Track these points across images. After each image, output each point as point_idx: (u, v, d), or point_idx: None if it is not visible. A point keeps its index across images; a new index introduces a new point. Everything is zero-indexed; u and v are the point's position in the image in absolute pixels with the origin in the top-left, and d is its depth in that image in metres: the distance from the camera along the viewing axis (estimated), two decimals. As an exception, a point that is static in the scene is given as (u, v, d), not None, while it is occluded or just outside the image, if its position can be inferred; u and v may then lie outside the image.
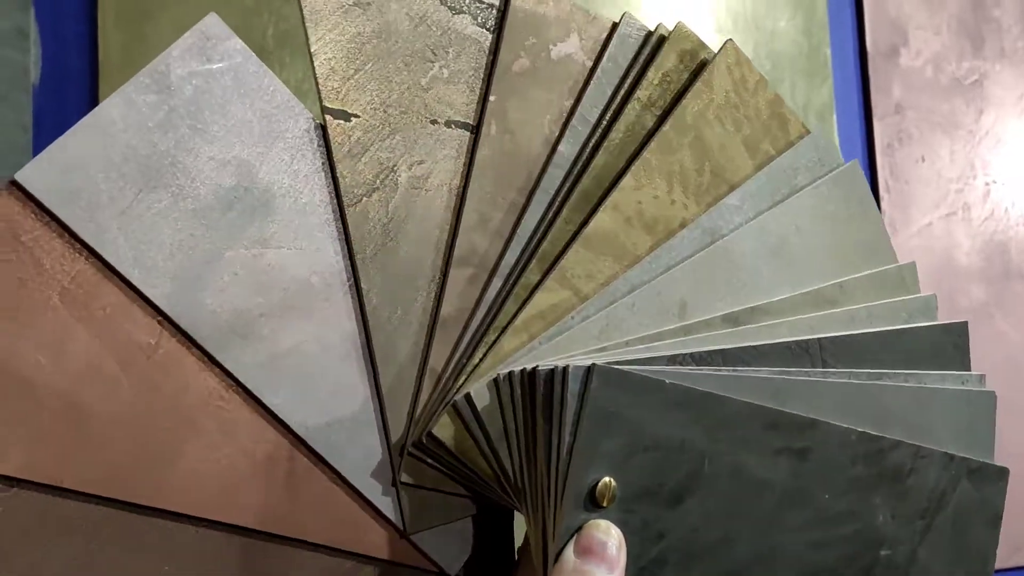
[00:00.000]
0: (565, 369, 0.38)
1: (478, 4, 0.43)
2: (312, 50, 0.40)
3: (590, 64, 0.45)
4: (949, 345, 0.47)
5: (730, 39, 0.46)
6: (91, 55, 0.64)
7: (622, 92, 0.45)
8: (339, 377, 0.40)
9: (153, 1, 0.64)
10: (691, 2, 0.84)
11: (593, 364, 0.38)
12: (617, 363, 0.39)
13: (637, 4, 0.83)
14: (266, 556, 0.40)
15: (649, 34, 0.46)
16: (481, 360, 0.41)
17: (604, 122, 0.44)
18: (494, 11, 0.44)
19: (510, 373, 0.39)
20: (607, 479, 0.38)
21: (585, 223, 0.43)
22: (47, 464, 0.36)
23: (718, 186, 0.45)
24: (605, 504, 0.38)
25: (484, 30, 0.43)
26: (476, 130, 0.43)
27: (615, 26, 0.45)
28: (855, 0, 0.92)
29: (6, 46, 0.60)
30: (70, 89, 0.64)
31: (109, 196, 0.37)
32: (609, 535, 0.37)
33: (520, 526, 0.45)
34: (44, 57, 0.62)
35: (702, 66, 0.45)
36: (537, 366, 0.39)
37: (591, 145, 0.44)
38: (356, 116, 0.41)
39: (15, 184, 0.36)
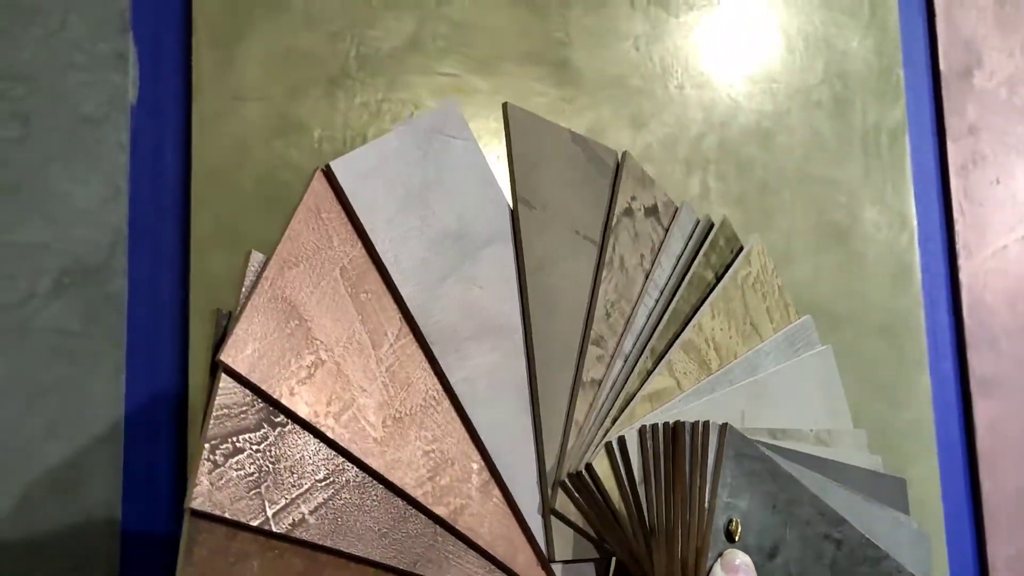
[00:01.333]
0: (707, 423, 0.47)
1: (602, 161, 0.56)
2: (512, 151, 0.50)
3: (665, 225, 0.58)
4: (899, 492, 0.61)
5: (759, 241, 0.61)
6: (185, 76, 0.65)
7: (687, 251, 0.58)
8: (512, 409, 0.46)
9: (245, 26, 0.67)
10: (763, 23, 0.84)
11: (727, 423, 0.47)
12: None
13: (715, 29, 0.82)
14: (448, 550, 0.42)
15: (697, 220, 0.60)
16: (617, 417, 0.49)
17: (679, 268, 0.56)
18: (610, 169, 0.56)
19: (655, 425, 0.47)
20: (736, 518, 0.46)
21: (679, 333, 0.53)
22: (319, 412, 0.39)
23: (753, 335, 0.58)
24: (736, 539, 0.46)
25: (604, 179, 0.56)
26: (601, 248, 0.53)
27: (677, 209, 0.59)
28: (928, 20, 0.90)
29: (108, 69, 0.60)
30: (165, 109, 0.64)
31: (383, 204, 0.43)
32: (746, 560, 0.45)
33: None
34: (141, 79, 0.63)
35: (740, 249, 0.60)
36: (680, 420, 0.47)
37: (671, 281, 0.56)
38: (535, 209, 0.50)
39: (327, 171, 0.42)
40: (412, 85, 0.70)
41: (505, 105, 0.51)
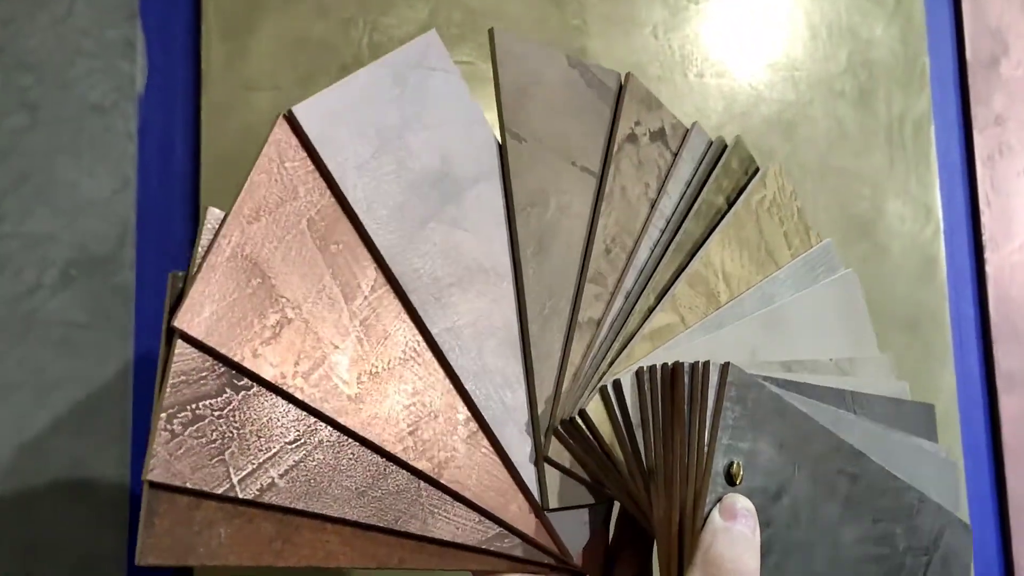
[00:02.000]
0: (707, 364, 0.45)
1: (602, 84, 0.53)
2: (499, 80, 0.47)
3: (673, 149, 0.55)
4: (926, 420, 0.58)
5: (778, 164, 0.58)
6: (195, 65, 0.64)
7: (697, 176, 0.55)
8: (501, 355, 0.44)
9: (256, 14, 0.66)
10: (785, 10, 0.83)
11: (728, 362, 0.45)
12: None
13: (736, 16, 0.81)
14: (432, 504, 0.41)
15: (710, 142, 0.56)
16: (615, 359, 0.47)
17: (688, 195, 0.54)
18: (612, 93, 0.53)
19: (652, 367, 0.45)
20: (738, 461, 0.44)
21: (685, 266, 0.51)
22: (287, 372, 0.38)
23: (768, 263, 0.55)
24: (738, 482, 0.44)
25: (605, 104, 0.53)
26: (601, 179, 0.51)
27: (687, 131, 0.56)
28: (954, 8, 0.89)
29: (116, 56, 0.60)
30: (174, 98, 0.64)
31: (354, 149, 0.41)
32: (747, 504, 0.43)
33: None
34: (150, 67, 0.63)
35: (756, 171, 0.56)
36: (679, 361, 0.45)
37: (679, 209, 0.53)
38: (525, 141, 0.48)
39: (289, 116, 0.39)
40: (427, 72, 0.68)
41: (491, 31, 0.48)
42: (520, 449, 0.44)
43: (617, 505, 0.49)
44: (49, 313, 0.58)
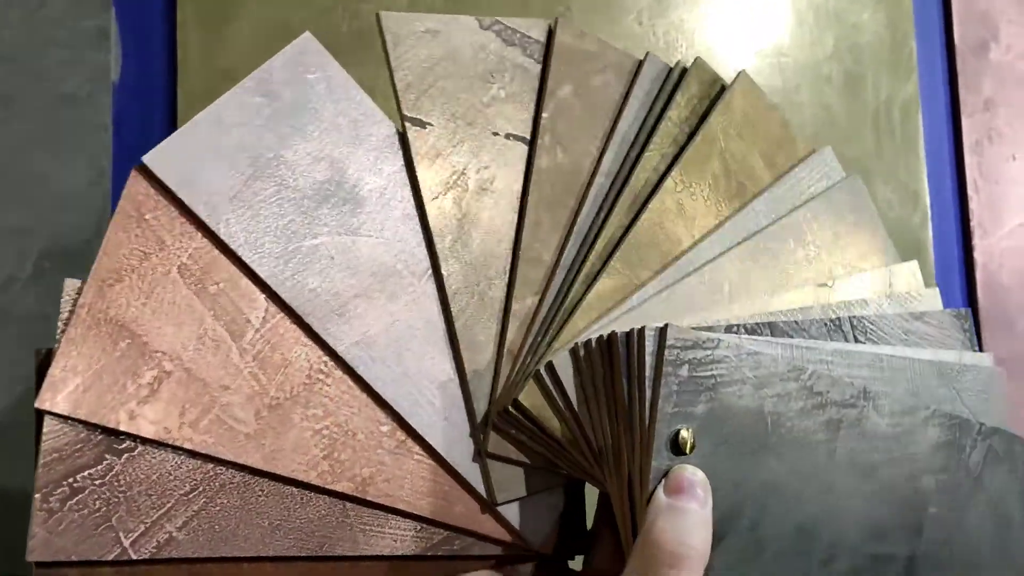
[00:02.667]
0: (641, 331, 0.41)
1: (526, 39, 0.49)
2: (392, 67, 0.45)
3: (623, 92, 0.50)
4: (958, 330, 0.52)
5: (743, 71, 0.52)
6: (170, 55, 0.65)
7: (654, 113, 0.50)
8: (425, 356, 0.43)
9: (233, 1, 0.67)
10: None
11: (667, 324, 0.42)
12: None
13: (721, 1, 0.80)
14: (363, 523, 0.41)
15: (670, 69, 0.52)
16: (556, 337, 0.44)
17: (641, 138, 0.50)
18: (540, 46, 0.49)
19: (587, 341, 0.43)
20: (686, 428, 0.41)
21: (636, 217, 0.47)
22: (171, 426, 0.38)
23: (743, 192, 0.50)
24: (687, 451, 0.41)
25: (533, 60, 0.49)
26: (532, 143, 0.48)
27: (641, 63, 0.51)
28: None
29: (88, 47, 0.61)
30: (149, 89, 0.65)
31: (223, 182, 0.41)
32: (696, 475, 0.40)
33: (590, 502, 0.47)
34: (124, 56, 0.63)
35: (721, 91, 0.51)
36: (614, 332, 0.42)
37: (632, 157, 0.49)
38: (430, 125, 0.46)
39: (142, 168, 0.39)
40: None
41: (378, 16, 0.46)
42: (461, 448, 0.43)
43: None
44: (24, 307, 0.59)
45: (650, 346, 0.41)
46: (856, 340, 0.49)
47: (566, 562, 0.47)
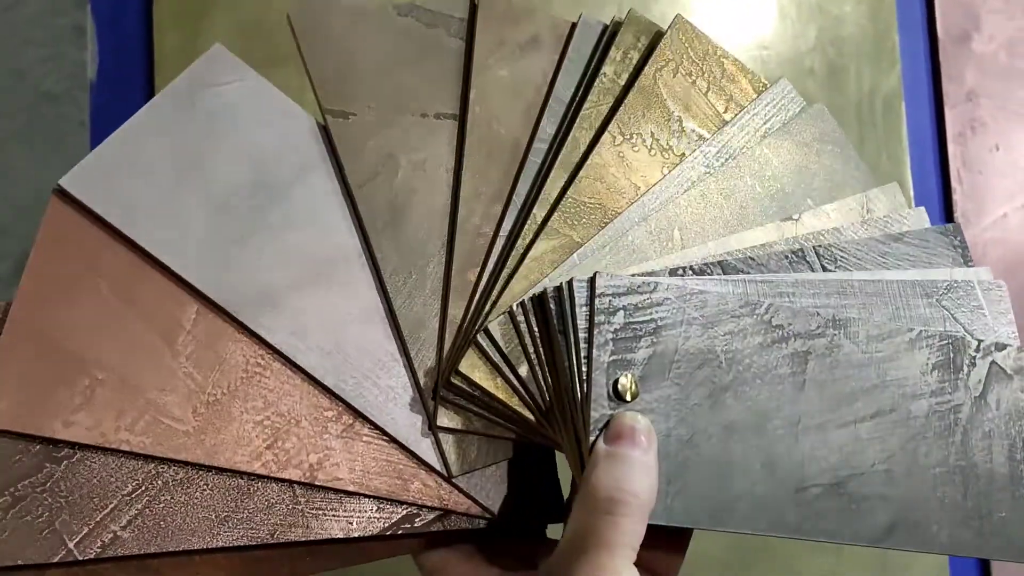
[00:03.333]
0: (570, 283, 0.41)
1: (448, 17, 0.49)
2: (307, 66, 0.46)
3: (557, 56, 0.50)
4: (947, 247, 0.49)
5: (679, 14, 0.51)
6: (147, 52, 0.65)
7: (589, 72, 0.50)
8: (366, 338, 0.43)
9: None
10: None
11: (596, 273, 0.41)
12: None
13: None
14: (314, 508, 0.41)
15: (606, 27, 0.51)
16: (495, 304, 0.44)
17: (577, 98, 0.49)
18: (464, 23, 0.50)
19: (522, 302, 0.42)
20: (627, 375, 0.40)
21: (573, 177, 0.46)
22: (107, 430, 0.39)
23: (692, 135, 0.49)
24: (629, 398, 0.39)
25: (458, 39, 0.49)
26: (462, 118, 0.48)
27: (574, 25, 0.51)
28: None
29: (65, 43, 0.61)
30: (127, 86, 0.65)
31: (143, 194, 0.42)
32: (636, 421, 0.39)
33: (565, 473, 0.46)
34: (101, 53, 0.64)
35: (658, 39, 0.50)
36: (545, 289, 0.42)
37: (568, 117, 0.48)
38: (353, 115, 0.46)
39: (61, 190, 0.41)
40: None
41: (288, 16, 0.47)
42: (413, 425, 0.43)
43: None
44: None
45: (580, 298, 0.41)
46: (824, 269, 0.46)
47: (543, 531, 0.46)
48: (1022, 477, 0.45)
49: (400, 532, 0.42)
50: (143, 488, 0.40)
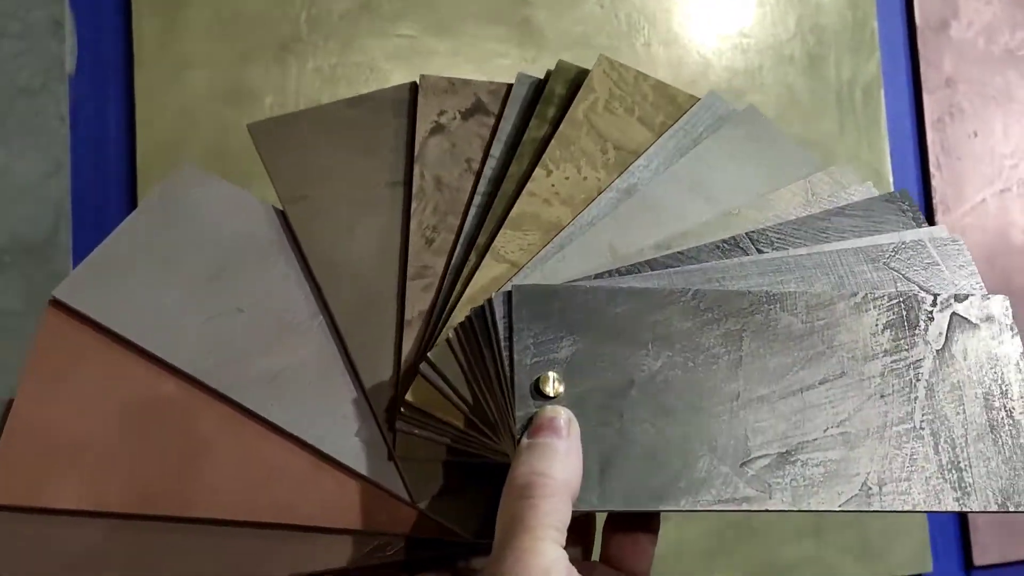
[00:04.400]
0: (490, 300, 0.44)
1: (396, 102, 0.54)
2: (270, 173, 0.52)
3: (495, 112, 0.54)
4: (893, 213, 0.49)
5: (602, 54, 0.54)
6: (126, 44, 0.65)
7: (524, 120, 0.53)
8: (328, 384, 0.47)
9: None
10: None
11: (513, 285, 0.44)
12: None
13: None
14: (291, 546, 0.44)
15: (539, 80, 0.55)
16: (437, 337, 0.47)
17: (513, 142, 0.53)
18: (406, 103, 0.55)
19: (456, 328, 0.45)
20: (549, 372, 0.42)
21: (508, 211, 0.50)
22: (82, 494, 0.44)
23: (624, 158, 0.51)
24: (553, 395, 0.41)
25: (403, 118, 0.54)
26: (408, 181, 0.52)
27: (509, 88, 0.55)
28: None
29: (43, 36, 0.61)
30: (106, 79, 0.65)
31: (131, 299, 0.48)
32: (556, 412, 0.40)
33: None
34: (80, 46, 0.64)
35: (583, 77, 0.54)
36: (471, 310, 0.45)
37: (506, 162, 0.52)
38: (307, 198, 0.51)
39: (55, 302, 0.47)
40: (367, 48, 0.70)
41: (249, 126, 0.53)
42: (377, 457, 0.46)
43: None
44: (-16, 301, 0.56)
45: (499, 310, 0.43)
46: (760, 253, 0.47)
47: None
48: (1003, 424, 0.43)
49: (373, 562, 0.44)
50: (121, 543, 0.44)
